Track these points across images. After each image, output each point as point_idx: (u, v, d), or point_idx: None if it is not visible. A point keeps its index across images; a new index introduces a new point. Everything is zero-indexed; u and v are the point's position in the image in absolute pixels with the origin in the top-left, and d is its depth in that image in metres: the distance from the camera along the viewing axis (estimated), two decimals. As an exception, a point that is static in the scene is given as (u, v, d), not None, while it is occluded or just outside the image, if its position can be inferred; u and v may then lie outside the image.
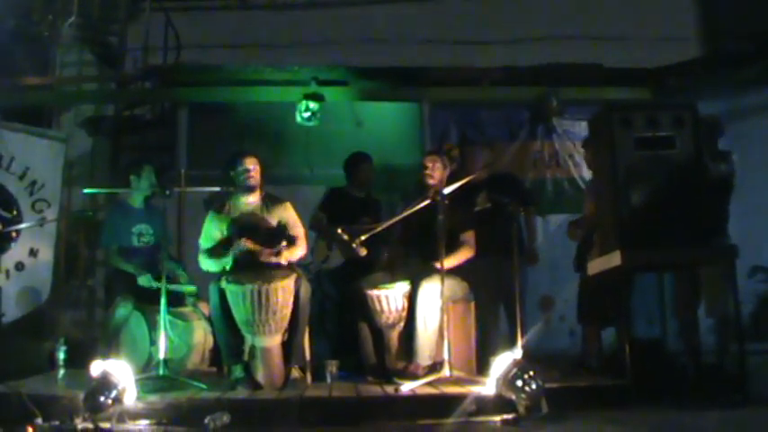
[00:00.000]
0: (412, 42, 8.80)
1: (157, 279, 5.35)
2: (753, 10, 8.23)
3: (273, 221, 5.44)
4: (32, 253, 6.61)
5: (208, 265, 5.43)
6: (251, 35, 8.91)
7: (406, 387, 4.58)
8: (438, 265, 4.95)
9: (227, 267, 5.30)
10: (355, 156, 6.59)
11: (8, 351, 5.73)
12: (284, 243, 5.35)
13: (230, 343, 5.09)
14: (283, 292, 4.97)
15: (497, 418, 4.12)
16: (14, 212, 6.70)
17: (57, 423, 3.96)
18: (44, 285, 6.67)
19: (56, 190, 6.88)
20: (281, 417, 4.24)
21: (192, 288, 5.76)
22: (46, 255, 6.66)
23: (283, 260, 5.28)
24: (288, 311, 5.03)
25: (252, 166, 5.42)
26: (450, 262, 5.23)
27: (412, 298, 5.20)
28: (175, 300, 5.58)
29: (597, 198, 5.28)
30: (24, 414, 3.98)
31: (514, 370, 4.16)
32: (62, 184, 7.15)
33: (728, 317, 5.23)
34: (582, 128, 7.63)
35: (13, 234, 6.61)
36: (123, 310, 5.42)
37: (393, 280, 5.36)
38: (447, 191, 5.05)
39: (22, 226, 6.57)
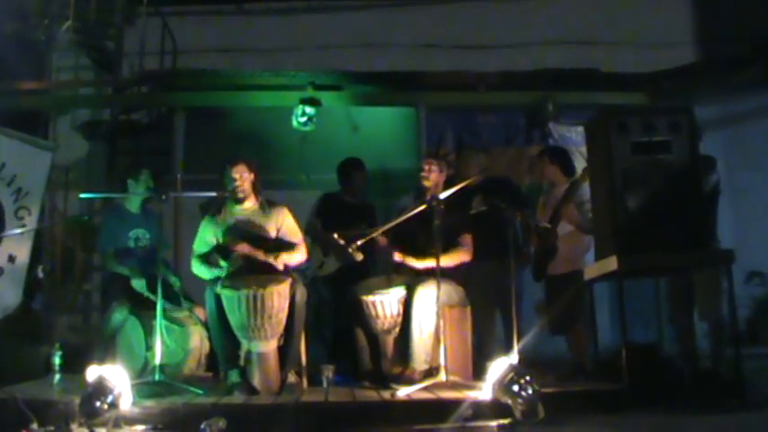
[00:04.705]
0: (408, 47, 8.82)
1: (152, 289, 5.34)
2: (749, 13, 8.26)
3: (270, 227, 5.44)
4: (11, 259, 6.61)
5: (199, 270, 5.43)
6: (247, 40, 8.93)
7: (403, 392, 4.58)
8: (433, 269, 4.96)
9: (221, 276, 5.30)
10: (348, 162, 6.60)
11: (3, 356, 5.72)
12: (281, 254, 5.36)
13: (226, 348, 5.09)
14: (278, 297, 4.97)
15: (494, 423, 4.12)
16: None
17: (52, 428, 3.97)
18: (18, 292, 6.67)
19: (38, 198, 6.88)
20: (278, 422, 4.24)
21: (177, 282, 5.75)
22: (21, 261, 6.67)
23: (280, 264, 5.28)
24: (283, 316, 5.03)
25: (238, 175, 5.38)
26: (446, 261, 5.23)
27: (407, 303, 5.21)
28: (172, 298, 5.57)
29: (594, 203, 5.29)
30: (20, 419, 3.98)
31: (511, 375, 4.16)
32: (45, 192, 7.14)
33: (722, 321, 5.25)
34: (578, 133, 7.64)
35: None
36: (119, 315, 5.41)
37: (389, 285, 5.37)
38: (443, 196, 5.06)
39: (15, 232, 6.56)
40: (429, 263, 5.26)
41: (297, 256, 5.45)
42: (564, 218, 5.71)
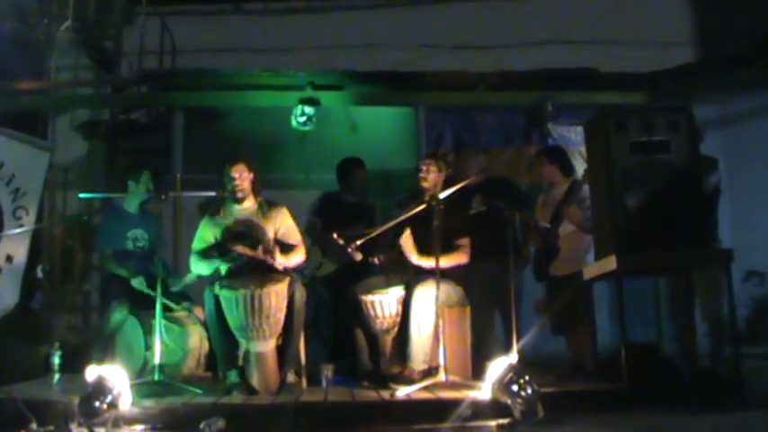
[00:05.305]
0: (407, 47, 8.81)
1: (151, 285, 5.34)
2: (748, 13, 8.25)
3: (269, 227, 5.44)
4: (8, 259, 6.63)
5: (198, 267, 5.42)
6: (246, 40, 8.92)
7: (402, 392, 4.57)
8: (432, 269, 4.96)
9: (222, 272, 5.30)
10: (348, 161, 6.60)
11: (3, 356, 5.72)
12: (278, 249, 5.36)
13: (225, 348, 5.09)
14: (277, 297, 4.97)
15: (493, 423, 4.12)
16: None
17: (51, 428, 3.96)
18: (15, 291, 6.69)
19: (36, 198, 6.91)
20: (277, 422, 4.24)
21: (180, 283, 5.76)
22: (19, 261, 6.68)
23: (278, 265, 5.27)
24: (282, 316, 5.03)
25: (237, 174, 5.38)
26: (444, 261, 5.22)
27: (406, 303, 5.21)
28: (172, 298, 5.57)
29: (593, 202, 5.29)
30: (19, 419, 3.97)
31: (510, 374, 4.16)
32: (43, 192, 7.17)
33: (722, 321, 5.25)
34: (577, 133, 7.64)
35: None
36: (118, 314, 5.42)
37: (387, 285, 5.37)
38: (442, 196, 5.06)
39: (14, 231, 6.57)
40: (427, 261, 5.26)
41: (295, 258, 5.45)
42: (566, 218, 5.71)
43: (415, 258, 5.35)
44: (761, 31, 7.82)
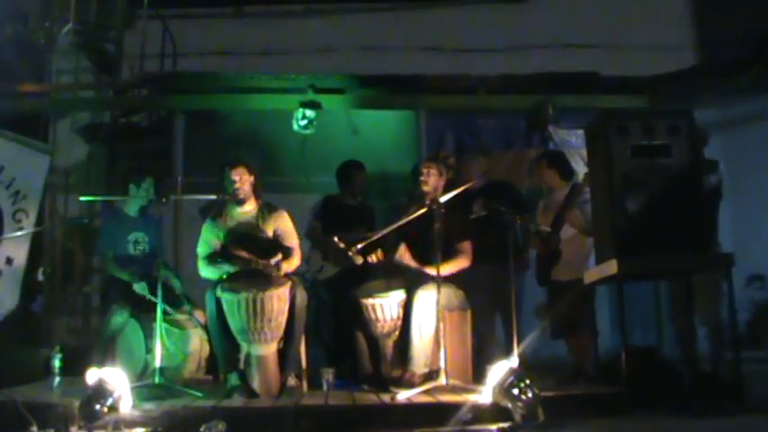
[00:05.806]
0: (409, 50, 8.82)
1: (153, 291, 5.34)
2: (748, 16, 8.26)
3: (269, 231, 5.44)
4: (8, 261, 6.64)
5: (207, 272, 5.42)
6: (248, 43, 8.93)
7: (403, 395, 4.57)
8: (434, 273, 4.96)
9: (225, 276, 5.31)
10: (348, 164, 6.60)
11: (3, 358, 5.72)
12: (280, 256, 5.36)
13: (226, 351, 5.08)
14: (278, 300, 4.96)
15: (493, 427, 4.12)
16: None
17: (52, 431, 3.96)
18: (15, 294, 6.69)
19: (36, 201, 6.93)
20: (277, 425, 4.24)
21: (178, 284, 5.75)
22: (19, 263, 6.69)
23: (281, 273, 5.27)
24: (283, 319, 5.03)
25: (237, 177, 5.38)
26: (446, 269, 5.23)
27: (407, 306, 5.20)
28: (174, 301, 5.57)
29: (593, 206, 5.29)
30: (19, 422, 3.98)
31: (511, 378, 4.16)
32: (43, 195, 7.18)
33: (721, 324, 5.25)
34: (578, 136, 7.64)
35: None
36: (119, 317, 5.41)
37: (388, 288, 5.36)
38: (443, 199, 5.06)
39: (15, 234, 6.58)
40: (444, 268, 5.24)
41: (293, 263, 5.46)
42: (567, 222, 5.71)
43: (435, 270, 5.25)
44: (761, 34, 7.83)
